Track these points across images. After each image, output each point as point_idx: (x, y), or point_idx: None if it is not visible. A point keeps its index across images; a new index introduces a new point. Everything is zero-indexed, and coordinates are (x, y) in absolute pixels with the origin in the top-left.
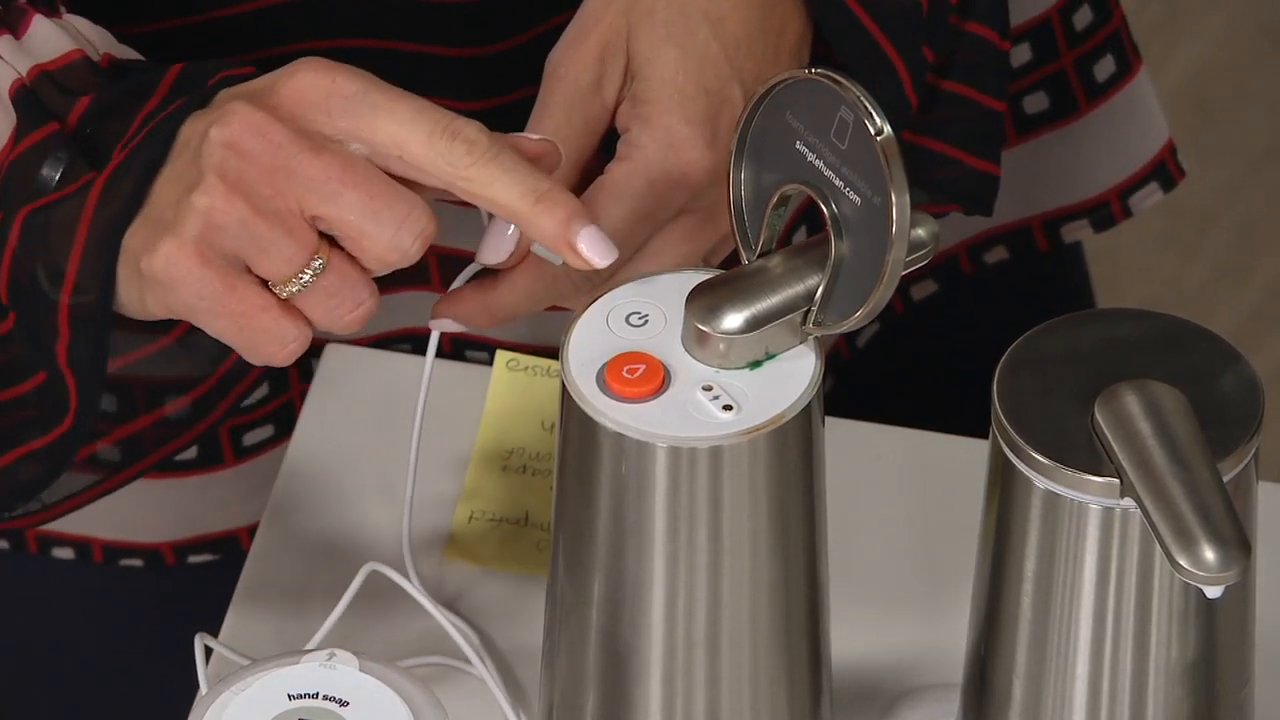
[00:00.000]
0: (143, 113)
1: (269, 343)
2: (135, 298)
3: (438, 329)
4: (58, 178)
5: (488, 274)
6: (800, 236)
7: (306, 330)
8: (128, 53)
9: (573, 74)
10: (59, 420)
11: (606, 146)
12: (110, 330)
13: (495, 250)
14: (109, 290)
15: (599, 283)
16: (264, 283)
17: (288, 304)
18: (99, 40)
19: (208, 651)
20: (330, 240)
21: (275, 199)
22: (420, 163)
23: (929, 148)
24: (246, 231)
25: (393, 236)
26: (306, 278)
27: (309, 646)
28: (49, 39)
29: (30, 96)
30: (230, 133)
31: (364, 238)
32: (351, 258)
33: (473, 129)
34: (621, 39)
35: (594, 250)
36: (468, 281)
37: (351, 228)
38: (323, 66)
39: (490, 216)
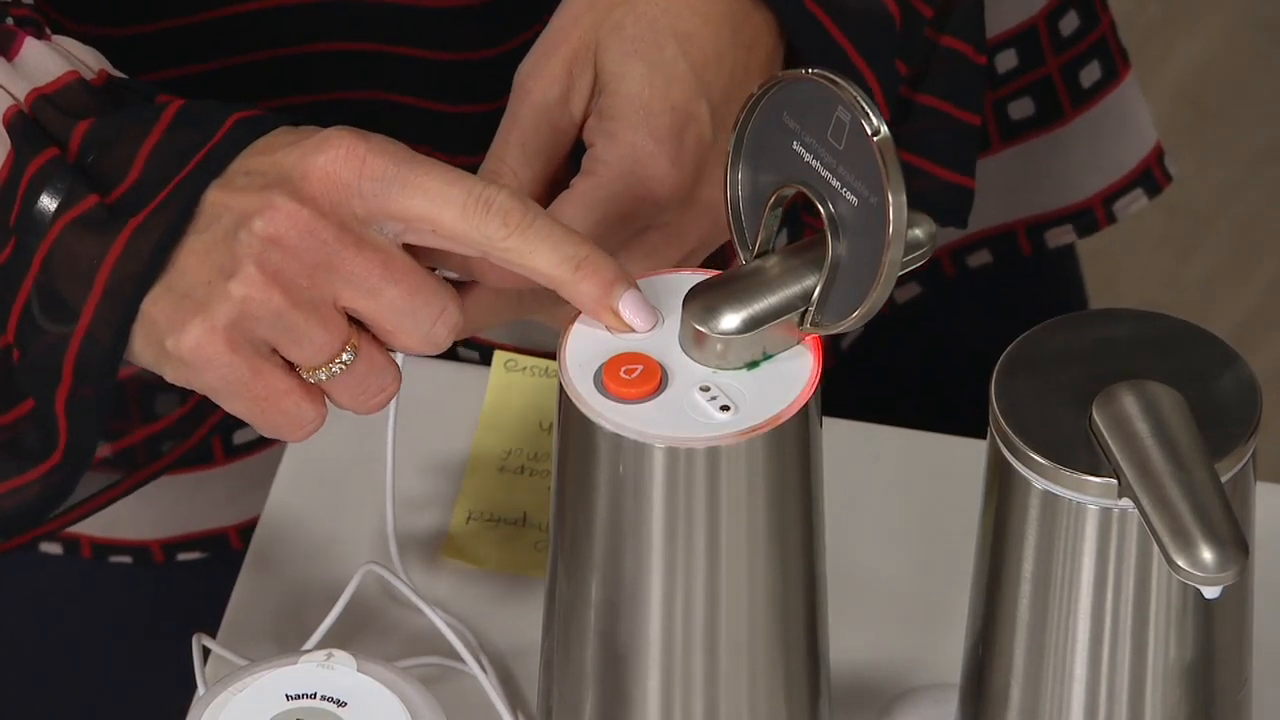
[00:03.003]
0: (147, 144)
1: (288, 424)
2: (151, 362)
3: None
4: (56, 206)
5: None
6: (781, 241)
7: (324, 411)
8: (117, 73)
9: (541, 87)
10: (46, 456)
11: (573, 160)
12: (114, 379)
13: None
14: (121, 343)
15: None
16: (289, 365)
17: (310, 386)
18: (91, 60)
19: (205, 652)
20: (359, 326)
21: (313, 291)
22: (455, 237)
23: (903, 160)
24: (281, 322)
25: (428, 331)
26: (336, 367)
27: (307, 647)
28: (42, 62)
29: (29, 123)
30: (275, 228)
31: (399, 331)
32: (380, 346)
33: (505, 197)
34: (590, 53)
35: (636, 315)
36: None
37: (387, 322)
38: (350, 144)
39: None
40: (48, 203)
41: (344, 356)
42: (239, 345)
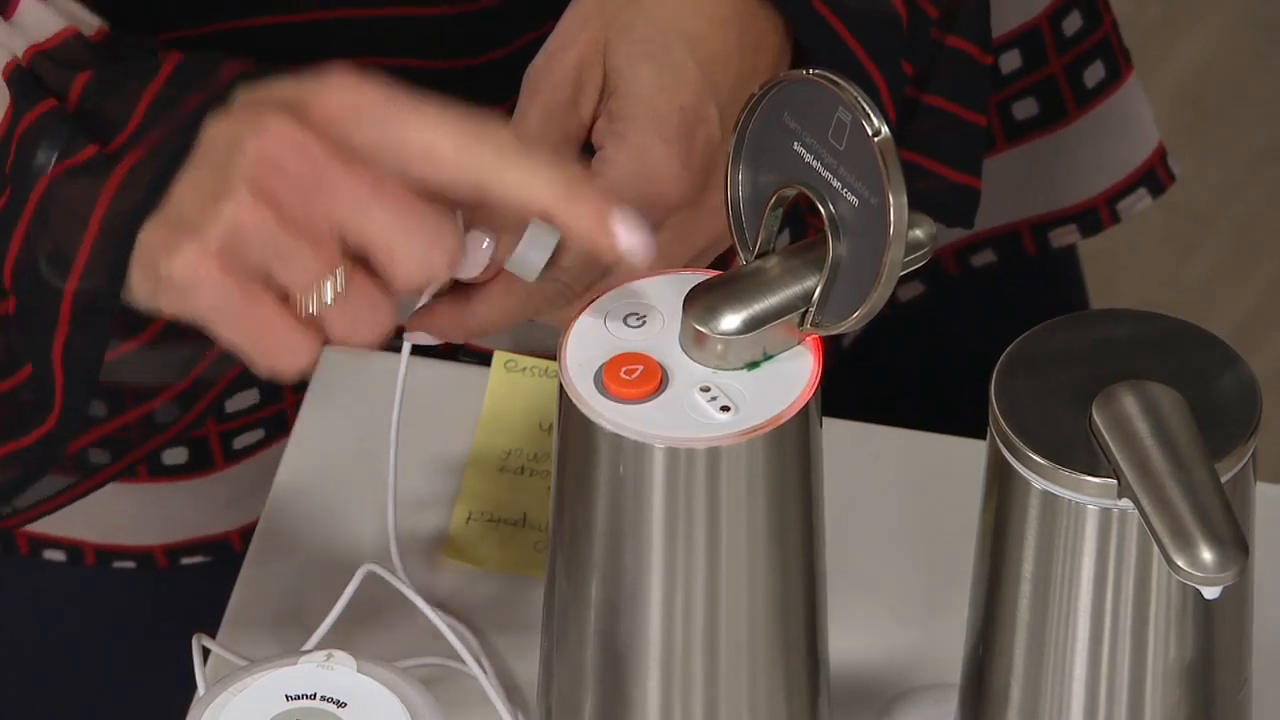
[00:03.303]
0: (148, 93)
1: (281, 355)
2: (147, 294)
3: (411, 341)
4: (55, 156)
5: (462, 287)
6: (784, 241)
7: (318, 345)
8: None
9: (550, 88)
10: (41, 420)
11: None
12: (110, 324)
13: (469, 265)
14: (118, 280)
15: (573, 298)
16: (284, 295)
17: (304, 318)
18: (89, 18)
19: (205, 652)
20: (357, 261)
21: (305, 211)
22: (451, 164)
23: (909, 160)
24: (271, 242)
25: (423, 253)
26: (328, 294)
27: (307, 647)
28: (40, 19)
29: (27, 75)
30: (268, 146)
31: (394, 255)
32: (374, 277)
33: (500, 127)
34: (599, 55)
35: (633, 235)
36: (443, 296)
37: (381, 244)
38: (350, 78)
39: (466, 231)
40: (46, 153)
41: (337, 281)
42: (231, 267)
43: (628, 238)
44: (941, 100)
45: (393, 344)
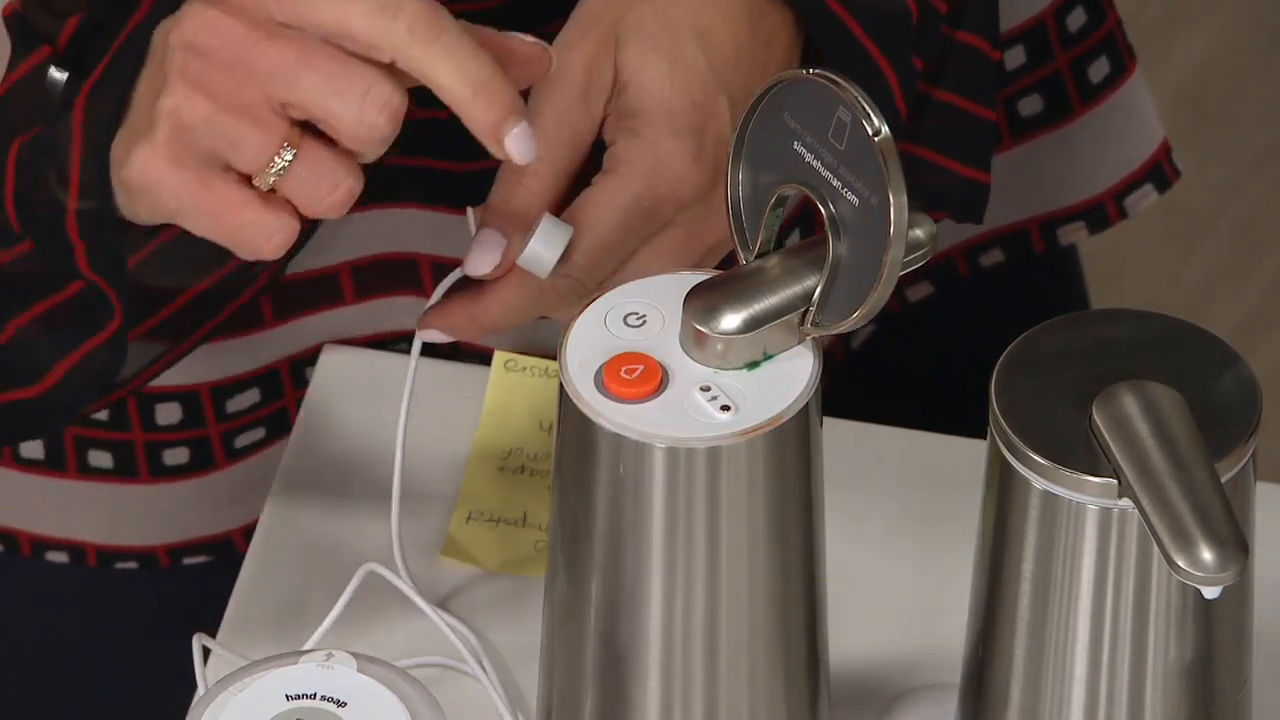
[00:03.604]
0: (130, 25)
1: (254, 236)
2: (125, 205)
3: (424, 339)
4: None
5: (474, 285)
6: (795, 240)
7: (291, 220)
8: None
9: (561, 83)
10: (109, 317)
11: (593, 158)
12: (118, 234)
13: (481, 261)
14: (109, 196)
15: (585, 295)
16: (245, 178)
17: (269, 195)
18: None
19: (205, 652)
20: (310, 128)
21: (238, 92)
22: (364, 39)
23: (919, 155)
24: (213, 128)
25: (358, 112)
26: (279, 166)
27: (307, 647)
28: None
29: (20, 21)
30: (185, 33)
31: (331, 117)
32: (329, 141)
33: (415, 5)
34: (610, 51)
35: (521, 147)
36: (455, 293)
37: (317, 109)
38: None
39: (478, 228)
40: (45, 101)
41: (285, 152)
42: (183, 159)
43: (514, 147)
44: (951, 95)
45: (398, 345)
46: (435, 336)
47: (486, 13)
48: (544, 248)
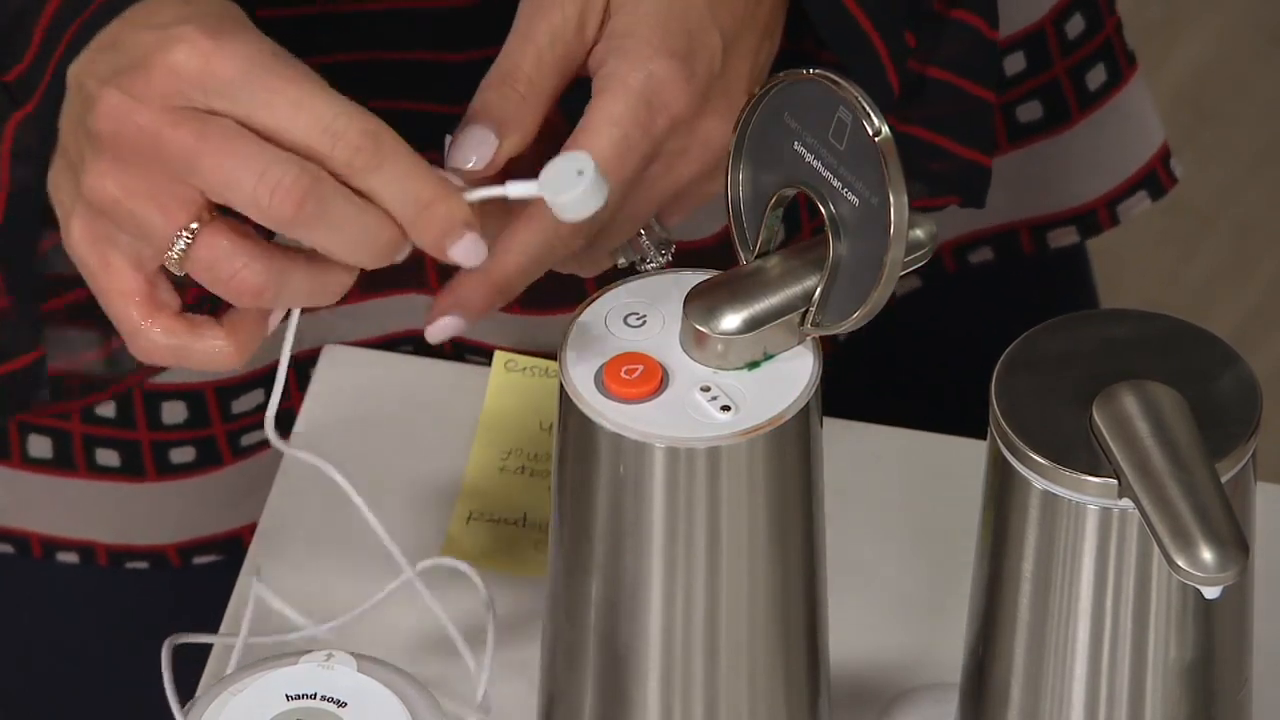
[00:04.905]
0: (39, 25)
1: (125, 331)
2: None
3: (435, 340)
4: None
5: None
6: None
7: (167, 332)
8: None
9: (558, 8)
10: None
11: (572, 109)
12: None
13: (466, 156)
14: (32, 228)
15: (594, 232)
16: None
17: (154, 297)
18: None
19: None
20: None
21: (147, 179)
22: (305, 155)
23: (917, 136)
24: (120, 210)
25: (252, 194)
26: (179, 248)
27: (307, 647)
28: None
29: None
30: (100, 123)
31: (229, 200)
32: (234, 226)
33: (355, 133)
34: None
35: (466, 257)
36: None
37: (214, 193)
38: (198, 46)
39: (467, 124)
40: None
41: (179, 243)
42: (97, 237)
43: (460, 257)
44: (947, 74)
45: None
46: (445, 333)
47: (491, 6)
48: (592, 194)
